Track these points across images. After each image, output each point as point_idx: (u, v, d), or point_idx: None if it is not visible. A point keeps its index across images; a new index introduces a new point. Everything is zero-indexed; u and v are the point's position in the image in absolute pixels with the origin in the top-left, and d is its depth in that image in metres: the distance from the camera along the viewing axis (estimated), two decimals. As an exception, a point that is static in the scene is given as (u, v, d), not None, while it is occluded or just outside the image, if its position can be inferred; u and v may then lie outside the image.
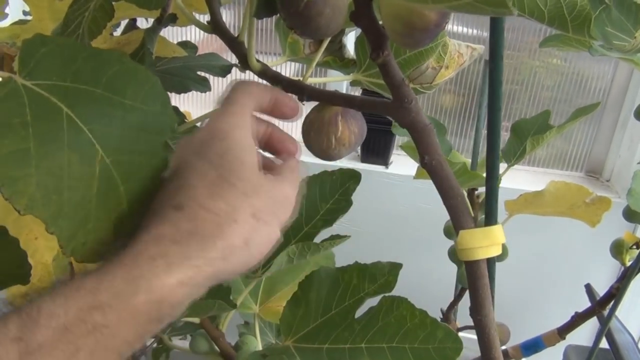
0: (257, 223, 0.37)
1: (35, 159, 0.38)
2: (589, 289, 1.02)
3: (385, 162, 1.62)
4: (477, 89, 1.67)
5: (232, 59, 0.57)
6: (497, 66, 0.37)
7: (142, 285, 0.34)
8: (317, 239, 0.73)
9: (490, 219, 0.41)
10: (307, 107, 0.53)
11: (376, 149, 1.61)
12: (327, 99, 0.47)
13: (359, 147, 1.68)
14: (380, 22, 0.38)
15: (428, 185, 1.53)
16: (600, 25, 0.63)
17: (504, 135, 0.92)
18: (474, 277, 0.42)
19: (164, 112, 0.43)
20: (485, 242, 0.41)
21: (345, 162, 1.65)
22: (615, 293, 0.89)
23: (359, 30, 0.58)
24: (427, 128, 0.40)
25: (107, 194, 0.40)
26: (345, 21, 0.38)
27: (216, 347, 0.77)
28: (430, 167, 0.41)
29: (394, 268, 0.66)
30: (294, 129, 1.76)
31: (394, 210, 1.61)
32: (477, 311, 0.43)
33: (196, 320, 0.74)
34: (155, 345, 1.18)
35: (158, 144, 0.42)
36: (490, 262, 0.43)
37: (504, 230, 0.42)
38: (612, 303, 0.90)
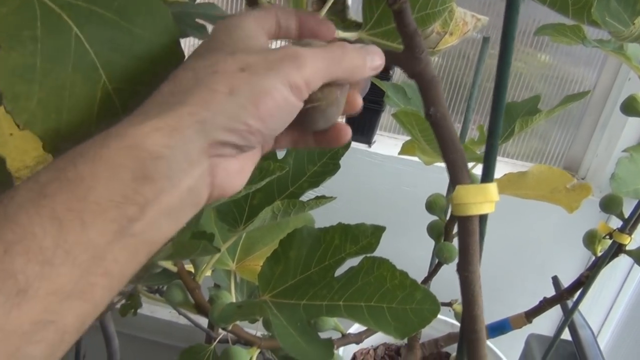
0: (245, 74, 0.34)
1: (40, 76, 0.38)
2: (555, 281, 1.04)
3: (368, 140, 1.63)
4: (459, 85, 1.68)
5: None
6: (510, 33, 0.37)
7: (113, 133, 0.32)
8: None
9: (487, 177, 0.42)
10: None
11: (360, 127, 1.61)
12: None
13: (343, 124, 1.68)
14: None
15: (409, 167, 1.54)
16: (601, 10, 0.64)
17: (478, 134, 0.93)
18: (466, 233, 0.43)
19: (171, 46, 0.42)
20: (479, 199, 0.41)
21: (328, 138, 1.66)
22: (584, 281, 0.91)
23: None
24: (434, 79, 0.41)
25: (107, 120, 0.40)
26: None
27: (191, 299, 0.77)
28: (434, 119, 0.41)
29: (377, 230, 0.66)
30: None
31: (374, 189, 1.62)
32: (465, 267, 0.44)
33: (174, 268, 0.74)
34: (123, 302, 1.18)
35: (163, 78, 0.42)
36: (482, 220, 0.44)
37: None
38: (579, 292, 0.92)
